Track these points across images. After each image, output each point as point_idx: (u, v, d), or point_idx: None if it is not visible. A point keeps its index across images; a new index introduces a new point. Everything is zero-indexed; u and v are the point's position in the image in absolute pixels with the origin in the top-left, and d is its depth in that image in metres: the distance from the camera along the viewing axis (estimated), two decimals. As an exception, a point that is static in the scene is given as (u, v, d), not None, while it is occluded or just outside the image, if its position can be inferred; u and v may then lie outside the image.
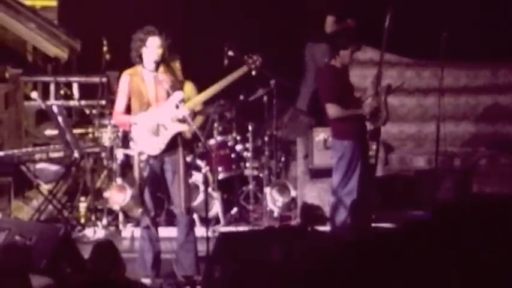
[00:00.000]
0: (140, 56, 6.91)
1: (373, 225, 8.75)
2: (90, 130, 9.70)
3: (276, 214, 9.03)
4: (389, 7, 7.58)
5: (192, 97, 7.04)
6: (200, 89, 7.20)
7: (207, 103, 7.31)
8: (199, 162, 9.06)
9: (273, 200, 9.00)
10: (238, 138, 9.52)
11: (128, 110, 7.03)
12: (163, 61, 6.97)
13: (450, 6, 10.09)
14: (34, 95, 9.87)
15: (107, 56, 9.18)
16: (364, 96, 7.72)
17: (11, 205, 8.83)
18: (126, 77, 6.99)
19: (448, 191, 8.53)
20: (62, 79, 10.82)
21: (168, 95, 6.91)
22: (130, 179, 8.37)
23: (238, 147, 9.51)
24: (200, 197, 8.68)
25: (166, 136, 6.91)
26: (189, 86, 8.47)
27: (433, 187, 8.67)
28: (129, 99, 6.98)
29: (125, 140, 9.02)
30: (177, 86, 6.99)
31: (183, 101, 6.92)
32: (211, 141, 9.22)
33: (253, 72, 7.32)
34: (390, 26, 7.57)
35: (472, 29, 9.99)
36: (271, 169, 9.67)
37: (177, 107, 6.87)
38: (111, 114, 9.20)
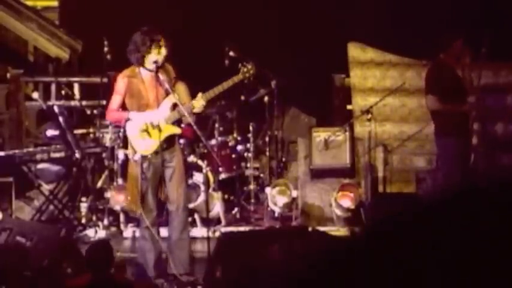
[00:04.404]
0: (142, 57, 6.91)
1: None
2: (91, 130, 9.70)
3: (276, 214, 9.02)
4: (487, 31, 7.86)
5: (184, 97, 7.04)
6: (200, 89, 7.19)
7: (207, 103, 7.30)
8: (200, 162, 9.06)
9: (274, 200, 9.00)
10: (239, 138, 9.52)
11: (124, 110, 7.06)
12: (164, 61, 6.97)
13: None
14: (35, 95, 9.88)
15: (108, 56, 9.19)
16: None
17: (12, 205, 8.83)
18: (124, 79, 6.96)
19: (448, 191, 8.53)
20: (63, 79, 10.83)
21: (168, 94, 6.92)
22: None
23: (239, 147, 9.51)
24: (201, 197, 8.68)
25: (159, 138, 6.90)
26: (181, 86, 8.44)
27: (433, 187, 8.67)
28: (124, 100, 6.99)
29: (126, 140, 9.02)
30: (172, 87, 7.00)
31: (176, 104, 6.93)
32: (212, 142, 9.23)
33: (246, 81, 7.40)
34: (488, 49, 7.88)
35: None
36: (272, 169, 9.68)
37: (172, 109, 6.89)
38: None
